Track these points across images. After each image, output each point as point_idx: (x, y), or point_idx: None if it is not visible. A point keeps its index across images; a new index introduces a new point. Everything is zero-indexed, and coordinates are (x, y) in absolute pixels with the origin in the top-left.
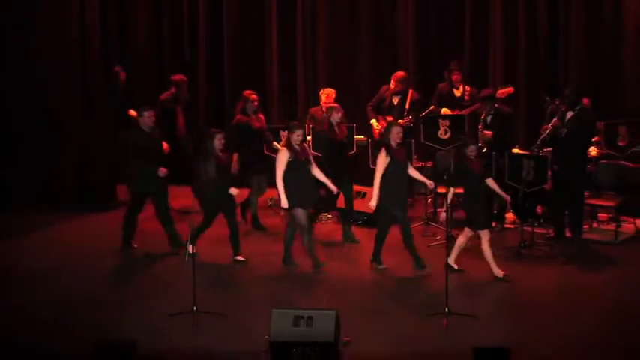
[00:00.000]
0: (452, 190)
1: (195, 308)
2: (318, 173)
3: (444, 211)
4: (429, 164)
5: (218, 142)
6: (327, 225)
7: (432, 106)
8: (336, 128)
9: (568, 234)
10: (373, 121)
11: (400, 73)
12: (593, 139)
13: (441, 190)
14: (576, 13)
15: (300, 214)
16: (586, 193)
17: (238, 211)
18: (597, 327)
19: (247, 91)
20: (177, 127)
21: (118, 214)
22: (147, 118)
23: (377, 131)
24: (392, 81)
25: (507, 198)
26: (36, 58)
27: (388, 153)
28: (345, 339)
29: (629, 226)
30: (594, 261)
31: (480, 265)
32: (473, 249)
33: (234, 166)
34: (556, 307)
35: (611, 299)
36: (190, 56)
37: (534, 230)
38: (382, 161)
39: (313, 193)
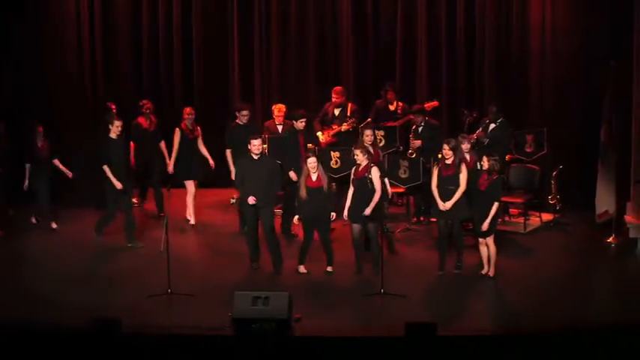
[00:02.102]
0: None
1: (169, 290)
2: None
3: None
4: None
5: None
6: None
7: (369, 119)
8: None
9: None
10: (319, 133)
11: (339, 88)
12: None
13: None
14: (490, 41)
15: (354, 228)
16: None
17: None
18: (510, 299)
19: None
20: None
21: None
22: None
23: (323, 142)
24: (332, 94)
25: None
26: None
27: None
28: (296, 316)
29: (535, 219)
30: (507, 248)
31: (412, 253)
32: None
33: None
34: (477, 287)
35: (521, 277)
36: (165, 79)
37: None
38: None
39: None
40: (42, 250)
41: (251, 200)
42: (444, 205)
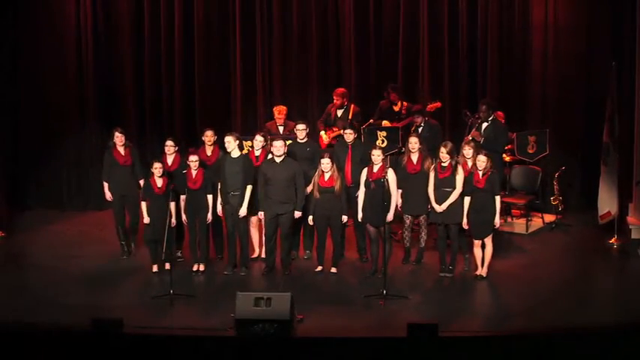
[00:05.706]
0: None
1: (171, 291)
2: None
3: None
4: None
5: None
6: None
7: (372, 120)
8: None
9: None
10: (322, 133)
11: (340, 90)
12: (507, 147)
13: None
14: (492, 40)
15: (369, 229)
16: (502, 193)
17: None
18: (512, 299)
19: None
20: None
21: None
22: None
23: (325, 142)
24: (334, 96)
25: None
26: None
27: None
28: (298, 317)
29: (537, 220)
30: (509, 249)
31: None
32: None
33: None
34: (478, 287)
35: (523, 278)
36: (166, 81)
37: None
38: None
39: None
40: (44, 251)
41: (260, 215)
42: (440, 208)
